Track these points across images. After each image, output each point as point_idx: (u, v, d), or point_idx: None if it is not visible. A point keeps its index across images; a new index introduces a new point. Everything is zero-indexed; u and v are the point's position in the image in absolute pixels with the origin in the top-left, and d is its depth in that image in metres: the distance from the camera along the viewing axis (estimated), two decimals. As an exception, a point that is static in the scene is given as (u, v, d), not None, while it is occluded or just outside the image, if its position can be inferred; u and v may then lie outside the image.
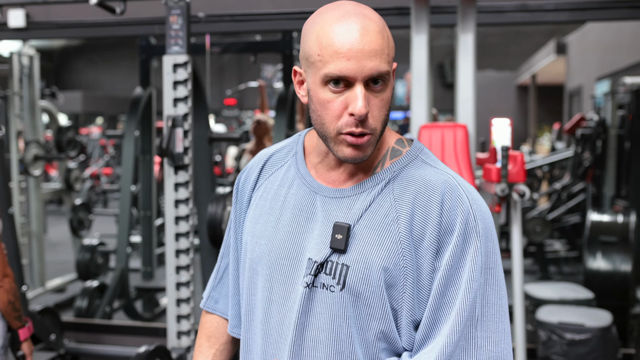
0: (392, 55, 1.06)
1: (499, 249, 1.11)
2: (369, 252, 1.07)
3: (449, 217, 1.06)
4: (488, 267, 1.06)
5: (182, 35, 2.90)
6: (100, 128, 16.82)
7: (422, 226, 1.06)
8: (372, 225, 1.08)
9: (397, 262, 1.06)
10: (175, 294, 2.97)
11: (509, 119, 13.82)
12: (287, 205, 1.16)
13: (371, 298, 1.07)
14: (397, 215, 1.07)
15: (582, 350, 3.23)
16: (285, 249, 1.13)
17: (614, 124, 5.60)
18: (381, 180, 1.10)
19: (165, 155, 2.85)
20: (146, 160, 5.16)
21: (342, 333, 1.08)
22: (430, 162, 1.13)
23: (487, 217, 1.09)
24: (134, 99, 4.85)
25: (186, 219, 2.96)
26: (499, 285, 1.07)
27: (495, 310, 1.06)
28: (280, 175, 1.21)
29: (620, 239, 4.22)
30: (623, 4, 3.57)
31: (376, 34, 1.02)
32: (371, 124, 1.05)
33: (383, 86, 1.05)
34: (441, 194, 1.07)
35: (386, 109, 1.07)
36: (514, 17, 3.73)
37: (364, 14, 1.04)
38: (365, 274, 1.06)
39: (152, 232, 5.27)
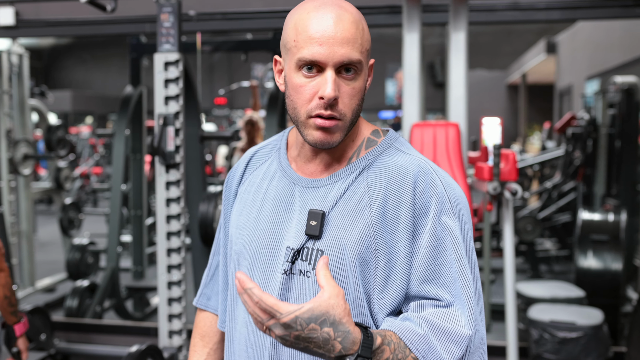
0: (367, 48, 1.10)
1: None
2: (342, 236, 1.09)
3: (422, 199, 1.09)
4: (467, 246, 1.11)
5: (173, 33, 2.88)
6: (90, 127, 16.73)
7: (395, 210, 1.09)
8: (345, 211, 1.11)
9: (369, 245, 1.08)
10: (166, 293, 2.96)
11: (499, 118, 13.88)
12: (268, 197, 1.20)
13: (345, 281, 1.08)
14: (370, 201, 1.10)
15: (574, 349, 3.24)
16: (265, 239, 1.17)
17: (605, 123, 5.62)
18: (356, 169, 1.14)
19: (157, 154, 2.83)
20: (137, 159, 5.13)
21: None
22: (404, 150, 1.16)
23: (461, 200, 1.13)
24: (124, 98, 4.82)
25: (177, 217, 2.94)
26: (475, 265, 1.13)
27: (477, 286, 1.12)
28: (264, 169, 1.25)
29: (611, 238, 4.24)
30: (614, 2, 3.58)
31: (350, 23, 1.07)
32: (341, 109, 1.08)
33: (355, 75, 1.09)
34: (414, 177, 1.10)
35: (358, 98, 1.10)
36: (506, 16, 3.73)
37: (340, 5, 1.09)
38: (339, 258, 1.09)
39: (143, 231, 5.24)
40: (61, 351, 3.77)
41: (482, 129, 13.55)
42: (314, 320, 0.94)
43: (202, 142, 3.13)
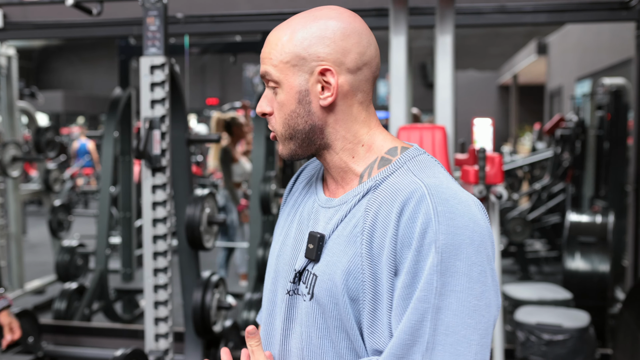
0: (283, 59, 1.05)
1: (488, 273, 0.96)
2: (334, 263, 1.03)
3: (406, 228, 0.97)
4: (450, 289, 0.93)
5: (159, 37, 2.88)
6: (81, 128, 16.67)
7: (381, 239, 0.99)
8: (342, 236, 1.05)
9: (357, 276, 1.01)
10: (152, 296, 2.95)
11: (490, 119, 13.93)
12: (298, 214, 1.18)
13: (335, 310, 1.03)
14: (363, 227, 1.02)
15: (560, 351, 3.26)
16: (287, 255, 1.15)
17: (593, 124, 5.65)
18: (362, 190, 1.06)
19: (142, 157, 2.83)
20: (126, 161, 5.12)
21: (314, 344, 1.06)
22: (414, 170, 1.04)
23: (460, 231, 0.95)
24: (113, 100, 4.81)
25: (164, 221, 2.94)
26: (469, 313, 0.93)
27: (456, 340, 0.93)
28: (306, 182, 1.23)
29: (599, 239, 4.26)
30: (601, 5, 3.60)
31: (272, 40, 1.07)
32: (272, 123, 1.10)
33: (276, 89, 1.08)
34: (402, 203, 0.98)
35: (284, 112, 1.07)
36: (493, 19, 3.75)
37: (287, 21, 1.08)
38: (329, 286, 1.03)
39: (132, 233, 5.23)
40: (49, 354, 3.76)
41: (473, 129, 13.60)
42: None
43: (188, 145, 3.13)
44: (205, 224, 3.10)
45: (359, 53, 1.05)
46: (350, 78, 1.05)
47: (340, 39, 1.04)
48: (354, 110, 1.07)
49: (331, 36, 1.04)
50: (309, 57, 1.04)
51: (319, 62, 1.04)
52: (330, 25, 1.05)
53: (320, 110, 1.06)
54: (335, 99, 1.05)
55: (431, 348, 0.92)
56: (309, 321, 1.07)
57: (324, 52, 1.04)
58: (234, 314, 4.95)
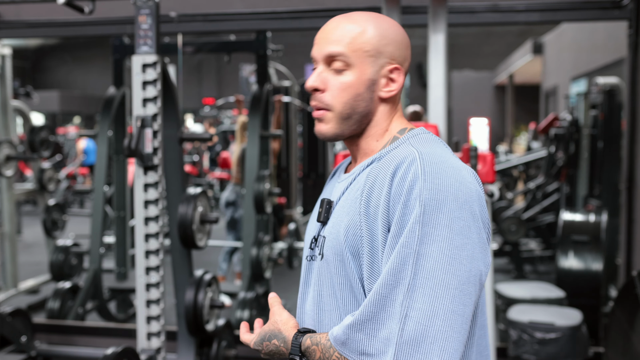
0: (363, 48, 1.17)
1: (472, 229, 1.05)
2: (338, 223, 1.16)
3: (397, 187, 1.08)
4: (431, 238, 1.03)
5: (151, 35, 2.87)
6: (77, 127, 16.64)
7: (377, 199, 1.11)
8: (347, 199, 1.18)
9: (356, 232, 1.12)
10: (145, 295, 2.95)
11: (487, 118, 13.94)
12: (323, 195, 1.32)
13: (341, 267, 1.15)
14: (362, 190, 1.14)
15: (552, 349, 3.26)
16: (310, 230, 1.29)
17: (587, 123, 5.65)
18: (367, 162, 1.19)
19: (134, 156, 2.83)
20: (120, 160, 5.12)
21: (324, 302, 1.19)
22: (413, 143, 1.16)
23: (444, 188, 1.05)
24: (107, 99, 4.80)
25: (156, 219, 2.94)
26: (449, 261, 1.02)
27: (435, 283, 1.01)
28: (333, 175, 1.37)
29: (592, 238, 4.27)
30: (593, 4, 3.61)
31: (342, 26, 1.18)
32: (327, 99, 1.19)
33: (342, 70, 1.18)
34: (396, 165, 1.10)
35: (348, 93, 1.18)
36: (485, 18, 3.75)
37: (348, 15, 1.21)
38: (335, 244, 1.16)
39: (126, 232, 5.22)
40: (42, 353, 3.75)
41: (469, 129, 13.60)
42: (263, 340, 1.23)
43: (181, 143, 3.13)
44: (198, 222, 3.10)
45: (409, 62, 1.25)
46: (402, 79, 1.22)
47: (405, 48, 1.22)
48: (396, 104, 1.23)
49: (402, 42, 1.21)
50: (384, 54, 1.18)
51: (390, 60, 1.19)
52: (399, 32, 1.21)
53: (377, 100, 1.20)
54: (395, 94, 1.21)
55: (411, 289, 1.02)
56: (319, 280, 1.20)
57: (396, 53, 1.19)
58: (229, 313, 4.94)
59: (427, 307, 1.01)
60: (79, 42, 18.43)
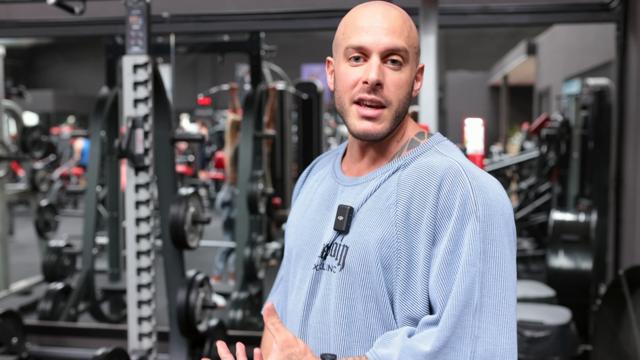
0: (414, 44, 1.14)
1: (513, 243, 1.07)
2: (367, 233, 1.10)
3: (446, 200, 1.05)
4: (489, 255, 1.03)
5: (142, 36, 2.88)
6: (72, 127, 16.61)
7: (419, 210, 1.07)
8: (373, 208, 1.11)
9: (391, 244, 1.07)
10: (136, 295, 2.96)
11: (481, 119, 13.97)
12: (315, 197, 1.24)
13: (368, 279, 1.09)
14: (397, 199, 1.09)
15: (542, 348, 3.28)
16: (308, 236, 1.21)
17: (578, 124, 5.68)
18: (392, 168, 1.14)
19: (125, 157, 2.84)
20: (113, 161, 5.12)
21: (342, 315, 1.11)
22: (443, 152, 1.14)
23: (493, 203, 1.05)
24: (99, 99, 4.81)
25: (147, 220, 2.95)
26: (505, 276, 1.03)
27: (497, 301, 1.02)
28: (320, 173, 1.30)
29: (582, 238, 4.30)
30: (581, 7, 3.64)
31: (397, 16, 1.11)
32: (386, 95, 1.11)
33: (401, 66, 1.11)
34: (440, 177, 1.07)
35: (404, 90, 1.12)
36: (476, 19, 3.78)
37: (389, 3, 1.15)
38: (362, 255, 1.09)
39: (119, 233, 5.23)
40: (33, 355, 3.75)
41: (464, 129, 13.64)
42: None
43: (172, 144, 3.14)
44: (190, 223, 3.11)
45: None
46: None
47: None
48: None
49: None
50: (419, 52, 1.16)
51: (419, 57, 1.17)
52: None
53: (411, 97, 1.16)
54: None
55: (479, 309, 1.01)
56: (337, 292, 1.12)
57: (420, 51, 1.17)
58: (221, 313, 4.95)
59: (494, 327, 1.01)
60: (71, 41, 18.37)
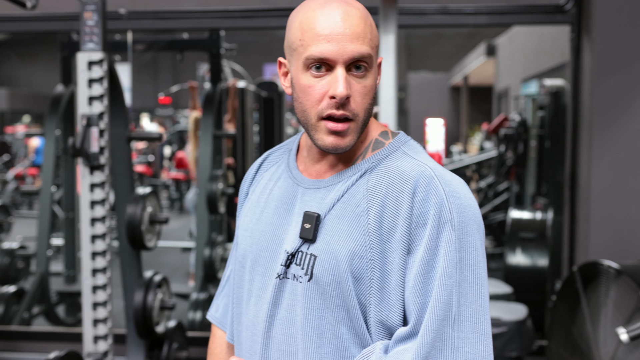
0: (376, 44, 1.07)
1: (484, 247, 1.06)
2: (337, 242, 1.05)
3: (421, 208, 1.02)
4: (465, 262, 1.01)
5: (97, 32, 2.83)
6: (26, 126, 16.23)
7: (392, 219, 1.03)
8: (342, 216, 1.06)
9: (363, 254, 1.03)
10: (91, 297, 2.90)
11: (442, 119, 14.14)
12: (272, 199, 1.16)
13: (337, 290, 1.04)
14: (368, 207, 1.05)
15: (499, 344, 3.33)
16: (266, 241, 1.13)
17: (535, 124, 5.79)
18: (358, 171, 1.09)
19: (80, 155, 2.78)
20: (68, 160, 5.01)
21: (312, 327, 1.06)
22: (411, 154, 1.10)
23: (467, 210, 1.04)
24: (54, 97, 4.71)
25: (102, 220, 2.89)
26: (480, 283, 1.02)
27: (474, 309, 1.00)
28: (273, 170, 1.22)
29: (538, 235, 4.38)
30: (537, 9, 3.70)
31: (358, 18, 1.04)
32: (353, 108, 1.05)
33: (365, 72, 1.05)
34: (414, 185, 1.03)
35: (369, 97, 1.07)
36: (435, 20, 3.81)
37: (346, 1, 1.06)
38: (332, 265, 1.04)
39: (75, 234, 5.12)
40: (-16, 359, 3.65)
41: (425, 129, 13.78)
42: None
43: (129, 142, 3.08)
44: (147, 223, 3.06)
45: None
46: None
47: None
48: None
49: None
50: (379, 46, 1.09)
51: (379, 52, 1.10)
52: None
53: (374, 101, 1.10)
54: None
55: (457, 319, 0.99)
56: (305, 303, 1.06)
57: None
58: (180, 314, 4.90)
59: (472, 335, 1.00)
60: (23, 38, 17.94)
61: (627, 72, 3.41)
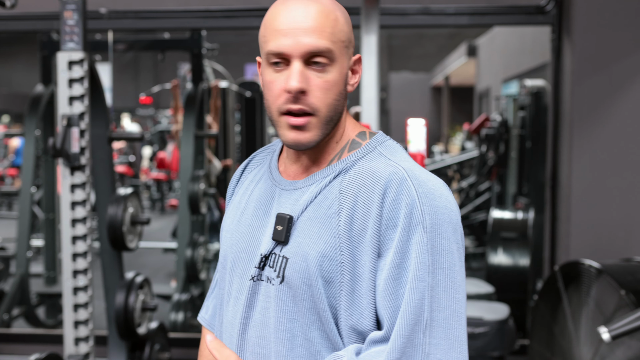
0: (341, 38, 1.05)
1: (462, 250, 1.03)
2: (308, 244, 1.03)
3: (391, 210, 0.99)
4: (438, 266, 0.98)
5: (77, 32, 2.80)
6: (5, 127, 16.04)
7: (363, 220, 1.01)
8: (314, 218, 1.04)
9: (333, 257, 1.01)
10: (72, 298, 2.87)
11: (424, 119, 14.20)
12: (252, 200, 1.16)
13: (308, 293, 1.03)
14: (339, 209, 1.03)
15: (481, 343, 3.35)
16: (244, 243, 1.13)
17: (516, 124, 5.83)
18: (332, 172, 1.07)
19: (60, 156, 2.75)
20: (48, 160, 4.96)
21: (284, 330, 1.05)
22: (387, 154, 1.07)
23: (441, 211, 1.00)
24: (34, 97, 4.65)
25: (83, 221, 2.86)
26: (454, 287, 0.99)
27: (447, 314, 0.98)
28: (256, 172, 1.21)
29: (520, 235, 4.41)
30: (518, 9, 3.73)
31: (318, 13, 1.02)
32: (312, 102, 1.03)
33: (326, 66, 1.03)
34: (384, 185, 1.01)
35: (333, 92, 1.04)
36: (417, 20, 3.82)
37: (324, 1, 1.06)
38: (303, 268, 1.03)
39: (56, 235, 5.07)
40: (-37, 362, 3.60)
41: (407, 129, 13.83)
42: None
43: (110, 143, 3.06)
44: (129, 224, 3.04)
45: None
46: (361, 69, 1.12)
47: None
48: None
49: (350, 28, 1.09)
50: (352, 43, 1.08)
51: (353, 48, 1.08)
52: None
53: (345, 95, 1.09)
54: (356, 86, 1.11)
55: (430, 325, 0.97)
56: (277, 306, 1.05)
57: (354, 41, 1.09)
58: (162, 315, 4.86)
59: (444, 342, 0.97)
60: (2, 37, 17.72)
61: (607, 72, 3.45)
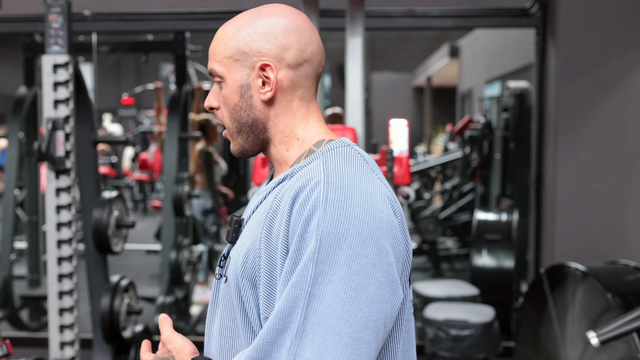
0: (229, 54, 1.09)
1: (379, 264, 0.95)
2: (241, 247, 1.07)
3: (297, 216, 0.98)
4: (328, 278, 0.93)
5: (62, 35, 2.77)
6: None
7: (279, 225, 1.00)
8: (253, 221, 1.08)
9: (254, 259, 1.02)
10: (57, 303, 2.85)
11: (406, 120, 14.25)
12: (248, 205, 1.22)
13: (239, 294, 1.05)
14: (267, 214, 1.04)
15: (466, 346, 3.37)
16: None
17: (499, 125, 5.87)
18: (279, 179, 1.08)
19: (45, 159, 2.72)
20: (32, 163, 4.91)
21: (226, 327, 1.09)
22: (327, 160, 1.03)
23: (348, 220, 0.94)
24: (17, 99, 4.61)
25: (69, 225, 2.84)
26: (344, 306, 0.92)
27: (326, 330, 0.91)
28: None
29: (504, 237, 4.44)
30: (503, 12, 3.76)
31: (218, 36, 1.11)
32: (220, 117, 1.14)
33: (221, 83, 1.11)
34: (297, 191, 0.99)
35: (228, 106, 1.11)
36: (402, 22, 3.84)
37: (236, 18, 1.11)
38: (234, 268, 1.06)
39: (39, 237, 5.02)
40: (-55, 368, 3.55)
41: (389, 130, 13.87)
42: None
43: (95, 146, 3.04)
44: (114, 227, 3.02)
45: (300, 49, 1.07)
46: (291, 74, 1.08)
47: (281, 35, 1.06)
48: (294, 105, 1.10)
49: (272, 32, 1.06)
50: (250, 52, 1.07)
51: (259, 57, 1.07)
52: (273, 21, 1.07)
53: (262, 105, 1.09)
54: (274, 94, 1.08)
55: (300, 335, 0.92)
56: (223, 303, 1.11)
57: (265, 47, 1.06)
58: (147, 318, 4.84)
59: (313, 355, 0.91)
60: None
61: (591, 75, 3.49)
